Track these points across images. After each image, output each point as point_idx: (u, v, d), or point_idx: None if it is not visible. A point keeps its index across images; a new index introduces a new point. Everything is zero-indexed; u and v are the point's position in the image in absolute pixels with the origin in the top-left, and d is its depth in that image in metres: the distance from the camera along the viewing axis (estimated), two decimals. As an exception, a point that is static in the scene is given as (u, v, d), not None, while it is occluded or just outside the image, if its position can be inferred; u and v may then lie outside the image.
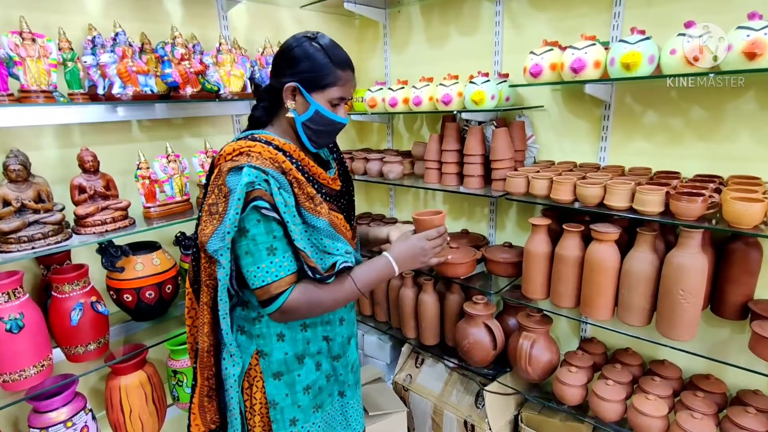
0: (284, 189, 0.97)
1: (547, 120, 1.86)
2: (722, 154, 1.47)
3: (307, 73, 1.00)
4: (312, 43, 1.02)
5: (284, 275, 0.97)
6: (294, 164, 1.02)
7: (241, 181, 0.92)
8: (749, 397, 1.47)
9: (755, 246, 1.36)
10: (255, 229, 0.95)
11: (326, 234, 1.03)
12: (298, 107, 1.04)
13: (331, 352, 1.18)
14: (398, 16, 2.27)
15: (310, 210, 1.01)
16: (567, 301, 1.57)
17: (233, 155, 0.99)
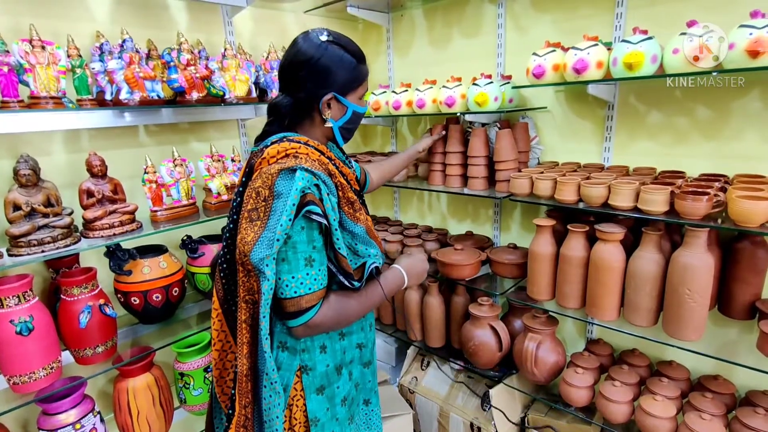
0: (333, 193, 0.95)
1: (551, 121, 1.86)
2: (728, 153, 1.47)
3: (342, 80, 0.99)
4: (331, 46, 0.98)
5: (317, 289, 0.93)
6: (333, 165, 1.01)
7: (295, 185, 0.87)
8: (759, 398, 1.46)
9: (762, 245, 1.35)
10: (297, 236, 0.90)
11: (362, 240, 1.00)
12: (335, 114, 1.03)
13: (363, 359, 1.16)
14: (401, 20, 2.28)
15: (350, 216, 0.99)
16: (573, 301, 1.56)
17: (278, 157, 0.94)
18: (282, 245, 0.88)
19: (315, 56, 0.96)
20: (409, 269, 1.14)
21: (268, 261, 0.87)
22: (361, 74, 1.03)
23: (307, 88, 0.99)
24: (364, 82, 1.05)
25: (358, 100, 1.06)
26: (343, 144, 1.12)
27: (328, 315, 0.95)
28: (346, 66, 0.99)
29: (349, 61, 1.00)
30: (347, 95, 1.02)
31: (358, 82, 1.03)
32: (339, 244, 0.94)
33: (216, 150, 1.75)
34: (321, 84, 0.98)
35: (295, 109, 1.02)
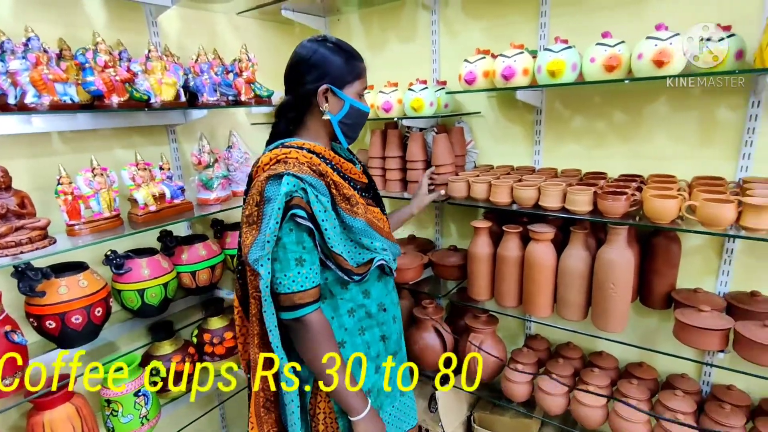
0: (322, 193, 0.99)
1: (485, 125, 1.92)
2: (642, 153, 1.58)
3: (336, 72, 1.04)
4: (326, 44, 1.06)
5: (309, 287, 0.99)
6: (329, 165, 1.06)
7: (281, 190, 0.94)
8: (678, 381, 1.57)
9: (675, 240, 1.46)
10: (286, 237, 0.96)
11: (363, 233, 1.06)
12: (333, 107, 1.07)
13: (388, 351, 1.20)
14: (338, 24, 2.27)
15: (347, 211, 1.04)
16: (510, 300, 1.61)
17: (270, 164, 1.02)
18: (274, 246, 0.96)
19: (309, 53, 1.05)
20: (365, 425, 1.07)
21: (262, 261, 0.95)
22: (355, 68, 1.07)
23: (304, 83, 1.06)
24: (360, 78, 1.08)
25: (357, 96, 1.09)
26: (345, 142, 1.14)
27: (322, 324, 1.02)
28: (339, 59, 1.05)
29: (342, 55, 1.05)
30: (343, 88, 1.06)
31: (353, 76, 1.06)
32: (332, 243, 0.99)
33: (141, 158, 1.64)
34: (316, 77, 1.05)
35: (297, 106, 1.09)
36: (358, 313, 1.12)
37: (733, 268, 1.47)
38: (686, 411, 1.42)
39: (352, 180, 1.12)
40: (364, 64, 1.10)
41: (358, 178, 1.14)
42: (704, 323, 1.28)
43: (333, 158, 1.08)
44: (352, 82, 1.07)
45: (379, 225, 1.12)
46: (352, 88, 1.08)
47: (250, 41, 1.98)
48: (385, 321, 1.18)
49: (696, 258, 1.53)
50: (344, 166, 1.10)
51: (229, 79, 1.86)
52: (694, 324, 1.28)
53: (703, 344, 1.28)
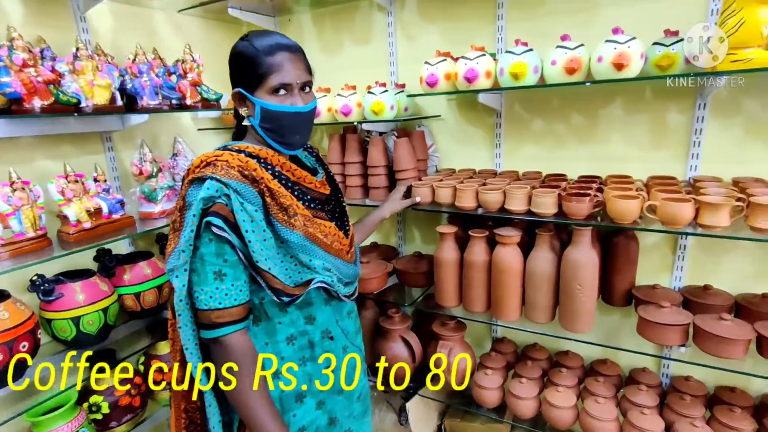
0: (251, 201, 0.90)
1: (445, 129, 1.89)
2: (599, 155, 1.62)
3: (244, 73, 0.96)
4: (242, 41, 0.97)
5: (229, 305, 0.90)
6: (270, 171, 0.96)
7: (198, 194, 0.87)
8: (640, 375, 1.62)
9: (633, 238, 1.50)
10: (205, 248, 0.88)
11: (300, 249, 0.96)
12: (250, 112, 0.99)
13: (334, 386, 1.08)
14: (288, 24, 2.17)
15: (283, 222, 0.94)
16: (479, 305, 1.59)
17: (201, 166, 0.94)
18: (192, 257, 0.88)
19: (231, 51, 0.98)
20: None
21: (177, 272, 0.88)
22: (262, 66, 0.94)
23: (232, 85, 1.01)
24: (272, 75, 0.94)
25: (272, 95, 0.96)
26: (282, 149, 1.02)
27: (244, 348, 0.92)
28: (246, 59, 0.95)
29: (250, 53, 0.95)
30: (255, 91, 0.96)
31: (259, 73, 0.94)
32: (257, 257, 0.89)
33: (72, 169, 1.46)
34: (233, 80, 0.99)
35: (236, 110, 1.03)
36: (299, 341, 1.01)
37: (687, 263, 1.54)
38: (650, 405, 1.46)
39: (304, 189, 1.02)
40: (280, 57, 0.94)
41: (315, 188, 1.04)
42: (666, 319, 1.31)
43: (281, 164, 0.99)
44: (262, 82, 0.95)
45: (326, 241, 1.00)
46: (263, 88, 0.95)
47: (194, 41, 1.83)
48: (332, 351, 1.06)
49: (653, 255, 1.58)
50: (296, 174, 1.01)
51: (172, 82, 1.71)
52: (657, 320, 1.31)
53: (666, 340, 1.31)
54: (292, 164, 1.01)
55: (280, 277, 0.92)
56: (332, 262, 1.01)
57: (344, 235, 1.08)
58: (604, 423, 1.42)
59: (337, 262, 1.03)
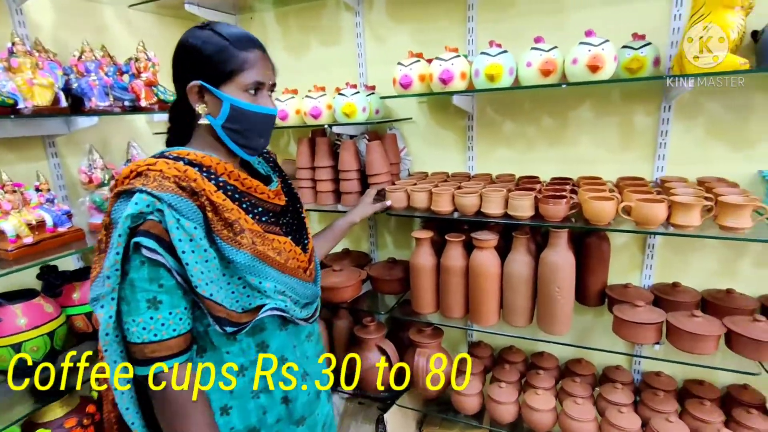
0: (189, 217, 0.79)
1: (417, 132, 1.86)
2: (570, 157, 1.63)
3: (207, 64, 0.85)
4: (203, 30, 0.87)
5: (167, 337, 0.79)
6: (214, 180, 0.86)
7: (125, 211, 0.76)
8: (614, 373, 1.64)
9: (605, 238, 1.52)
10: (136, 272, 0.77)
11: (248, 270, 0.85)
12: (212, 109, 0.88)
13: (293, 417, 0.97)
14: (251, 23, 2.07)
15: (228, 240, 0.83)
16: (457, 311, 1.56)
17: (130, 177, 0.82)
18: (120, 282, 0.77)
19: (181, 41, 0.87)
20: None
21: (103, 302, 0.78)
22: (236, 60, 0.85)
23: (179, 78, 0.89)
24: (246, 71, 0.86)
25: (245, 93, 0.87)
26: (243, 154, 0.93)
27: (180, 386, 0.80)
28: (214, 47, 0.84)
29: (218, 43, 0.85)
30: (221, 85, 0.86)
31: (231, 68, 0.85)
32: (196, 282, 0.78)
33: (9, 177, 1.31)
34: (188, 69, 0.87)
35: (178, 107, 0.91)
36: (250, 372, 0.90)
37: (655, 262, 1.57)
38: (626, 403, 1.48)
39: (255, 201, 0.92)
40: (257, 54, 0.87)
41: (268, 198, 0.94)
42: (642, 318, 1.33)
43: (229, 172, 0.88)
44: (233, 77, 0.85)
45: (279, 259, 0.90)
46: (235, 83, 0.86)
47: (148, 39, 1.70)
48: (289, 381, 0.96)
49: (623, 255, 1.61)
50: (246, 183, 0.90)
51: (124, 82, 1.58)
52: (633, 320, 1.33)
53: (642, 338, 1.33)
54: (241, 172, 0.91)
55: (224, 303, 0.82)
56: (286, 282, 0.91)
57: (302, 250, 0.98)
58: (584, 424, 1.43)
59: (293, 283, 0.93)
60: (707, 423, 1.38)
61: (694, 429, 1.37)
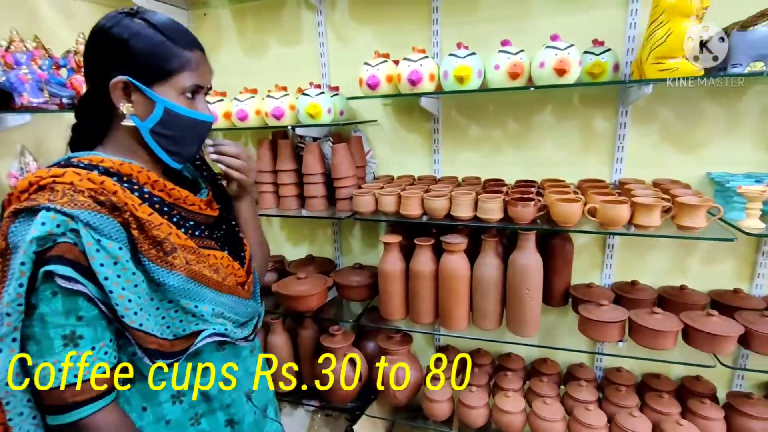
0: (111, 237, 0.68)
1: (382, 134, 1.83)
2: (533, 160, 1.66)
3: (139, 60, 0.73)
4: (134, 19, 0.74)
5: (88, 377, 0.67)
6: (137, 192, 0.75)
7: (28, 233, 0.63)
8: (578, 371, 1.68)
9: (568, 239, 1.55)
10: (47, 306, 0.65)
11: (182, 293, 0.75)
12: (139, 110, 0.76)
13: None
14: (204, 19, 1.96)
15: (158, 261, 0.73)
16: (426, 316, 1.54)
17: (30, 191, 0.69)
18: (25, 319, 0.65)
19: (104, 28, 0.74)
20: None
21: (1, 345, 0.64)
22: (178, 59, 0.75)
23: (95, 70, 0.76)
24: (186, 71, 0.76)
25: (182, 96, 0.77)
26: (171, 162, 0.81)
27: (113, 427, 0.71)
28: (148, 42, 0.73)
29: (155, 38, 0.74)
30: (154, 85, 0.75)
31: (170, 67, 0.75)
32: (122, 311, 0.68)
33: None
34: (110, 62, 0.74)
35: (90, 103, 0.78)
36: (188, 398, 0.81)
37: (615, 261, 1.63)
38: (592, 400, 1.51)
39: (185, 214, 0.82)
40: (198, 55, 0.79)
41: (199, 210, 0.84)
42: (606, 317, 1.36)
43: (153, 182, 0.78)
44: (170, 77, 0.75)
45: (216, 278, 0.81)
46: (171, 85, 0.76)
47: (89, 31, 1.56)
48: (233, 402, 0.87)
49: (585, 255, 1.66)
50: (174, 194, 0.80)
51: (62, 77, 1.44)
52: (598, 319, 1.36)
53: (607, 336, 1.36)
54: (166, 181, 0.79)
55: (155, 332, 0.72)
56: (224, 303, 0.82)
57: (240, 264, 0.89)
58: (554, 423, 1.44)
59: (232, 302, 0.84)
60: (666, 415, 1.43)
61: (654, 422, 1.41)
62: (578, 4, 1.48)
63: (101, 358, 0.69)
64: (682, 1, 1.10)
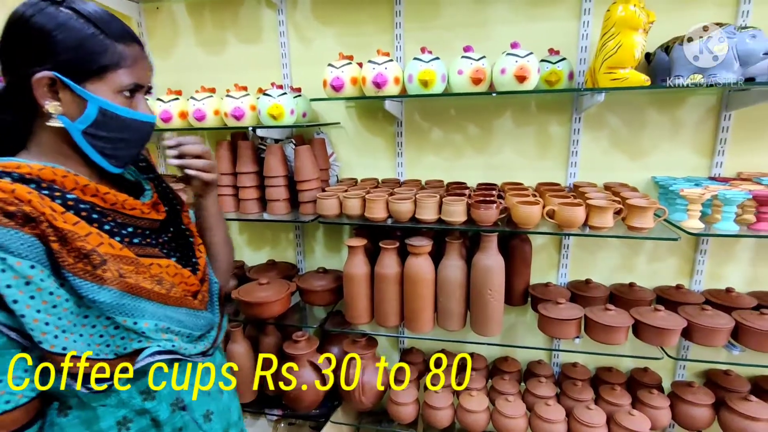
0: (20, 254, 0.60)
1: (345, 137, 1.82)
2: (494, 164, 1.70)
3: (67, 54, 0.66)
4: (60, 8, 0.66)
5: (5, 409, 0.61)
6: (60, 200, 0.66)
7: None
8: (537, 368, 1.74)
9: (527, 241, 1.61)
10: None
11: (117, 310, 0.67)
12: (68, 109, 0.68)
13: None
14: (157, 13, 1.87)
15: (85, 275, 0.64)
16: (392, 319, 1.54)
17: None
18: None
19: (24, 16, 0.65)
20: None
21: None
22: (111, 54, 0.68)
23: (16, 65, 0.67)
24: (122, 68, 0.70)
25: (119, 95, 0.70)
26: (108, 166, 0.74)
27: None
28: (78, 34, 0.66)
29: (85, 30, 0.67)
30: (85, 82, 0.68)
31: (103, 63, 0.68)
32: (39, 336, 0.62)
33: None
34: (33, 56, 0.66)
35: (13, 100, 0.69)
36: (136, 425, 0.73)
37: (570, 261, 1.70)
38: (550, 395, 1.57)
39: (123, 220, 0.75)
40: (135, 50, 0.72)
41: (141, 214, 0.77)
42: (564, 315, 1.42)
43: (82, 186, 0.70)
44: (104, 74, 0.68)
45: (159, 290, 0.73)
46: (106, 82, 0.69)
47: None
48: (186, 424, 0.78)
49: (542, 255, 1.72)
50: (109, 199, 0.72)
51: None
52: (557, 317, 1.41)
53: (565, 333, 1.42)
54: (100, 185, 0.72)
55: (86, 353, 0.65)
56: (171, 317, 0.74)
57: (191, 272, 0.81)
58: (516, 420, 1.48)
59: (180, 315, 0.76)
60: (619, 406, 1.51)
61: (608, 413, 1.49)
62: (535, 15, 1.54)
63: (11, 392, 0.62)
64: (631, 16, 1.17)
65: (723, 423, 1.45)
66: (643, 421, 1.43)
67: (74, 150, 0.71)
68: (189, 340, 0.78)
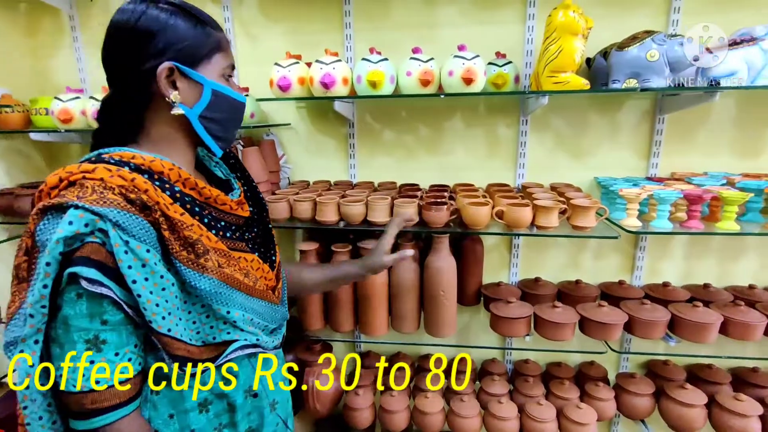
0: (140, 238, 0.65)
1: (296, 138, 1.77)
2: (445, 165, 1.72)
3: (182, 42, 0.71)
4: (157, 5, 0.71)
5: (111, 384, 0.65)
6: (168, 191, 0.71)
7: (56, 232, 0.61)
8: (491, 366, 1.77)
9: (479, 241, 1.63)
10: (71, 308, 0.63)
11: (214, 298, 0.72)
12: (186, 96, 0.74)
13: None
14: (90, 7, 1.75)
15: (189, 264, 0.69)
16: (346, 324, 1.52)
17: (60, 187, 0.67)
18: (50, 321, 0.64)
19: (132, 18, 0.70)
20: None
21: (23, 346, 0.63)
22: (211, 40, 0.75)
23: (130, 65, 0.71)
24: (221, 52, 0.76)
25: (222, 78, 0.77)
26: (217, 148, 0.80)
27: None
28: (183, 23, 0.72)
29: (186, 20, 0.72)
30: (197, 66, 0.74)
31: (209, 47, 0.75)
32: (150, 316, 0.66)
33: None
34: (152, 52, 0.71)
35: (126, 101, 0.74)
36: (215, 407, 0.78)
37: (520, 260, 1.74)
38: (503, 392, 1.60)
39: (217, 214, 0.78)
40: (222, 34, 0.78)
41: (231, 210, 0.81)
42: (514, 313, 1.45)
43: (183, 180, 0.74)
44: (210, 58, 0.75)
45: (248, 282, 0.78)
46: (212, 66, 0.75)
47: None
48: (255, 410, 0.84)
49: (494, 255, 1.75)
50: (205, 193, 0.76)
51: None
52: (507, 315, 1.44)
53: (516, 332, 1.45)
54: (198, 180, 0.76)
55: (184, 338, 0.70)
56: (256, 308, 0.79)
57: (270, 268, 0.87)
58: (470, 419, 1.50)
59: (262, 307, 0.81)
60: (567, 400, 1.56)
61: (558, 407, 1.53)
62: (482, 18, 1.56)
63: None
64: (571, 22, 1.21)
65: (662, 411, 1.52)
66: (590, 413, 1.48)
67: (185, 141, 0.78)
68: (267, 332, 0.84)
